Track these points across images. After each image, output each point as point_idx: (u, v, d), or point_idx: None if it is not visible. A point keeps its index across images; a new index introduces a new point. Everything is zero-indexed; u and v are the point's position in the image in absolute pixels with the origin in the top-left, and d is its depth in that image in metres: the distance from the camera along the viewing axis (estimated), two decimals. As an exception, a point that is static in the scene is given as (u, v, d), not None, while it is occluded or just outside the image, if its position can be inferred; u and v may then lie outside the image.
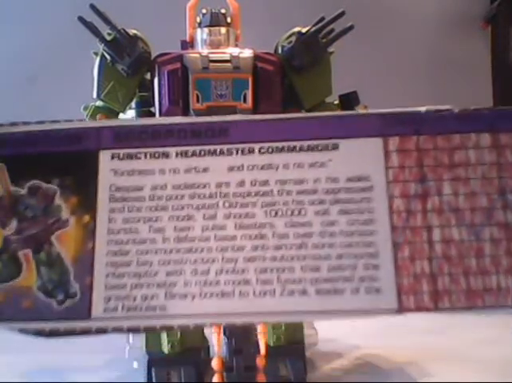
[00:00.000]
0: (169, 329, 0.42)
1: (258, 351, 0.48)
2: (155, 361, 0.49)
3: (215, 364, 0.48)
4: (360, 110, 0.54)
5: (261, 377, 0.48)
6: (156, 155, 0.34)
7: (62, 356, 0.32)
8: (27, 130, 0.35)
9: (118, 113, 0.53)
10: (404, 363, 0.56)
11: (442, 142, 0.34)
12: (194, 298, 0.32)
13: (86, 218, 0.34)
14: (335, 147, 0.34)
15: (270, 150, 0.34)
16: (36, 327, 0.32)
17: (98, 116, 0.52)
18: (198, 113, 0.50)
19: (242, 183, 0.34)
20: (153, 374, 0.49)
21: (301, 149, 0.34)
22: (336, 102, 0.55)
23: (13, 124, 0.35)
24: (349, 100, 0.54)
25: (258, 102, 0.51)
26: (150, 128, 0.35)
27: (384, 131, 0.34)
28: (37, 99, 1.11)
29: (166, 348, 0.50)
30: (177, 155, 0.34)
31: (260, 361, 0.48)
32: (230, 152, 0.34)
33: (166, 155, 0.34)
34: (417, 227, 0.33)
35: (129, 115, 0.55)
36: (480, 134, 0.34)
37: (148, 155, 0.34)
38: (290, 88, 0.53)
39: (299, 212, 0.33)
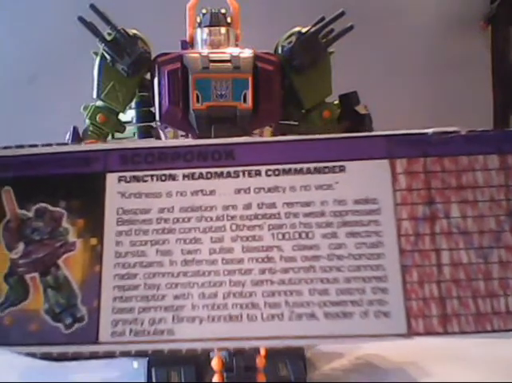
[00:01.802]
0: (177, 353, 0.42)
1: (258, 351, 0.48)
2: (155, 361, 0.49)
3: (215, 364, 0.47)
4: (360, 110, 0.54)
5: (261, 377, 0.47)
6: (163, 178, 0.34)
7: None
8: (33, 153, 0.34)
9: (118, 113, 0.53)
10: (404, 363, 0.56)
11: (449, 164, 0.34)
12: (201, 322, 0.32)
13: (93, 241, 0.33)
14: (342, 169, 0.34)
15: (277, 172, 0.34)
16: (43, 351, 0.32)
17: (98, 116, 0.52)
18: (199, 113, 0.49)
19: (248, 206, 0.34)
20: (153, 374, 0.49)
21: (307, 171, 0.34)
22: (336, 102, 0.55)
23: (20, 146, 0.34)
24: (349, 100, 0.54)
25: (258, 102, 0.51)
26: (156, 150, 0.34)
27: (390, 153, 0.34)
28: (37, 99, 1.11)
29: None
30: (184, 177, 0.34)
31: (260, 361, 0.48)
32: (236, 175, 0.34)
33: (173, 178, 0.34)
34: (425, 250, 0.33)
35: (129, 115, 0.55)
36: (488, 156, 0.34)
37: (155, 178, 0.34)
38: (290, 88, 0.53)
39: (306, 235, 0.33)
